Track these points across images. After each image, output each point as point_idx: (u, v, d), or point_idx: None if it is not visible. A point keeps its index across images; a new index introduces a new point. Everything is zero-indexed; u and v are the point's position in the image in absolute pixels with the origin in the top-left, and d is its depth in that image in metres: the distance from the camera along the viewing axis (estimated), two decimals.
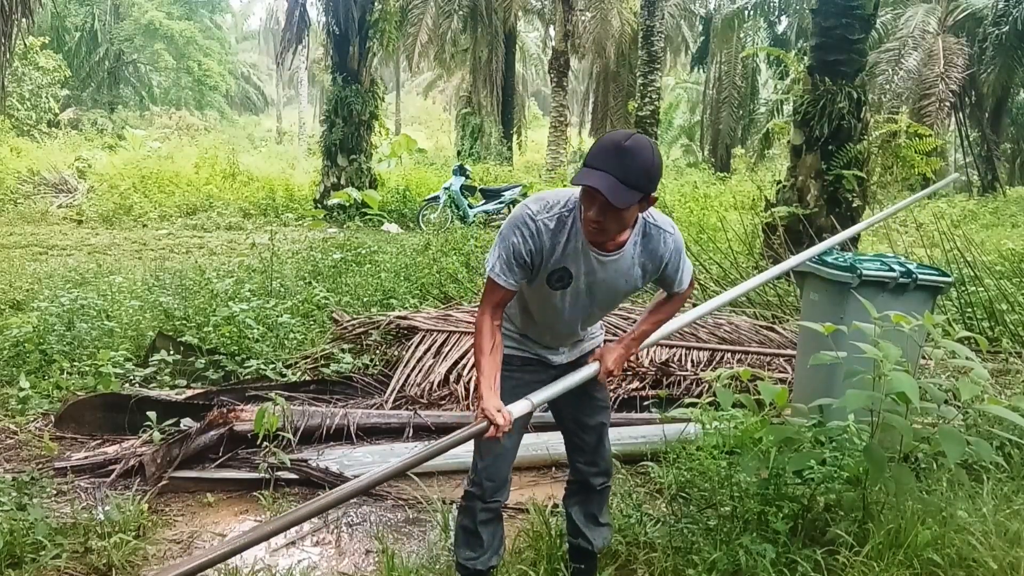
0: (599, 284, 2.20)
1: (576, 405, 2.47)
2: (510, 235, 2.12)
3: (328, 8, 14.62)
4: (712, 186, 18.09)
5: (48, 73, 23.76)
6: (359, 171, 14.93)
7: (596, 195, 1.94)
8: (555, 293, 2.20)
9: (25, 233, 11.24)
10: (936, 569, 2.50)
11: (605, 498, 2.62)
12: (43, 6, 13.69)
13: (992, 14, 19.06)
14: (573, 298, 2.21)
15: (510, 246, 2.11)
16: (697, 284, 6.46)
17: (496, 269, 2.14)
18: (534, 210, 2.12)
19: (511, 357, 2.35)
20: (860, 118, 7.49)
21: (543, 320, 2.32)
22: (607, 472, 2.58)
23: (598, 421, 2.51)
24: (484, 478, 2.37)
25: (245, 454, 3.69)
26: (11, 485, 3.21)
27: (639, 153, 1.93)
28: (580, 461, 2.56)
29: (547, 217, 2.11)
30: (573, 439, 2.55)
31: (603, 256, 2.14)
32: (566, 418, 2.53)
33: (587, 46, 24.86)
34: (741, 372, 3.66)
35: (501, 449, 2.34)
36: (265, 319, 5.46)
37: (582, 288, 2.19)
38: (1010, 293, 6.35)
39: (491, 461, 2.37)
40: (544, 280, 2.17)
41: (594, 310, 2.32)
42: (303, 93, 45.08)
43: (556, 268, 2.14)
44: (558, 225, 2.11)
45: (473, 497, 2.40)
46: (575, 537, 2.61)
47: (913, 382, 2.57)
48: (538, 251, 2.11)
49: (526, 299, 2.30)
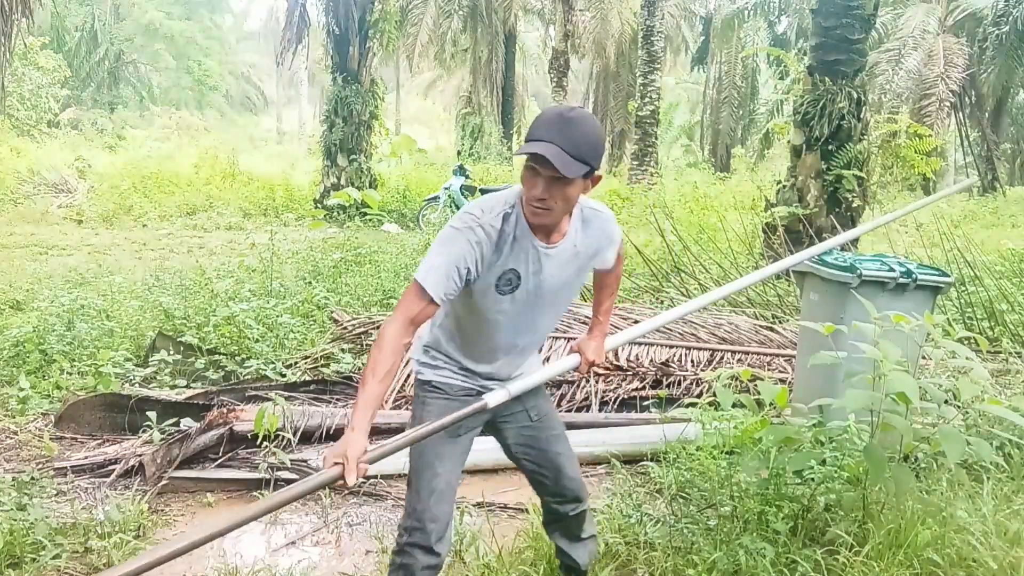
0: (546, 281, 2.04)
1: (529, 443, 2.29)
2: (452, 243, 1.91)
3: (328, 8, 14.62)
4: (712, 186, 18.08)
5: (48, 73, 23.74)
6: (359, 171, 14.92)
7: (541, 168, 1.83)
8: (503, 299, 2.02)
9: (25, 233, 11.24)
10: (936, 569, 2.50)
11: (583, 518, 2.45)
12: (43, 6, 13.68)
13: (992, 14, 19.06)
14: (522, 302, 2.05)
15: (453, 255, 1.89)
16: (697, 284, 6.47)
17: (431, 279, 1.88)
18: (477, 214, 1.95)
19: (450, 385, 2.16)
20: (860, 118, 7.49)
21: (483, 337, 2.11)
22: (577, 499, 2.36)
23: (556, 452, 2.30)
24: (428, 520, 2.06)
25: (245, 454, 3.69)
26: (11, 485, 3.21)
27: (584, 122, 1.83)
28: (547, 495, 2.37)
29: (491, 218, 1.95)
30: (535, 476, 2.34)
31: (547, 248, 2.00)
32: (521, 458, 2.32)
33: (587, 46, 24.87)
34: (741, 372, 3.67)
35: (442, 484, 2.10)
36: (265, 319, 5.46)
37: (531, 288, 2.03)
38: (1010, 293, 6.35)
39: (433, 501, 2.08)
40: (492, 286, 1.99)
41: (542, 317, 2.14)
42: (303, 93, 45.14)
43: (504, 271, 1.98)
44: (502, 223, 1.95)
45: (414, 548, 2.06)
46: (561, 557, 2.53)
47: (913, 382, 2.57)
48: (483, 259, 1.94)
49: (463, 316, 2.10)
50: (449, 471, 2.13)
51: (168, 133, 27.04)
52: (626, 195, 15.51)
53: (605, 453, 3.66)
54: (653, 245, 7.72)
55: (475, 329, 2.11)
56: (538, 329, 2.19)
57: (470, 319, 2.10)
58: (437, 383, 2.17)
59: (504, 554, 2.76)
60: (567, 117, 1.84)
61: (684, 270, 6.83)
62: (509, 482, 3.65)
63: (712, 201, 14.61)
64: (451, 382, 2.16)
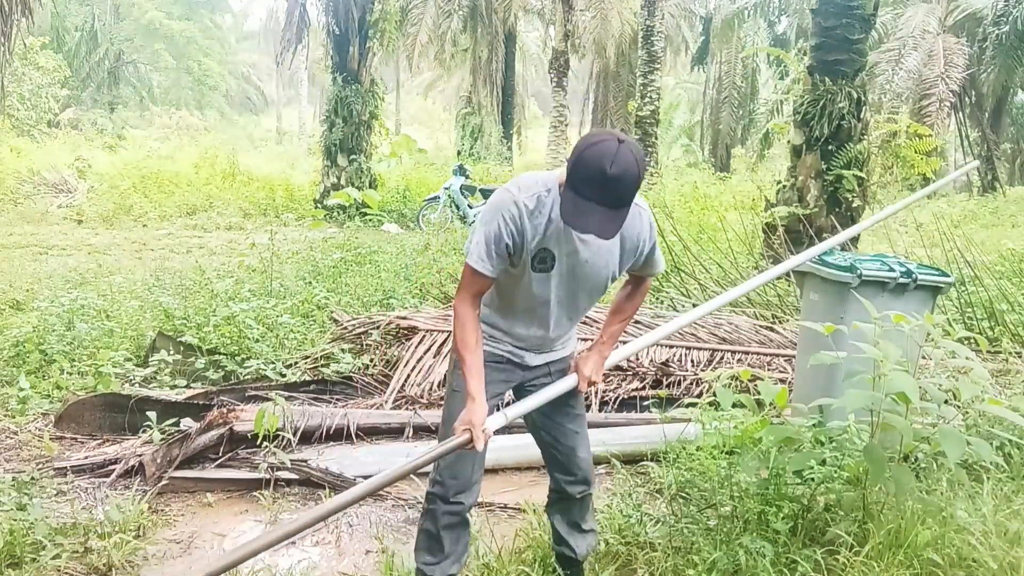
0: (581, 265, 2.16)
1: (549, 415, 2.41)
2: (492, 220, 2.08)
3: (328, 8, 14.62)
4: (712, 186, 18.07)
5: (48, 73, 23.74)
6: (359, 171, 14.92)
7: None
8: (538, 276, 2.15)
9: (25, 233, 11.24)
10: (936, 569, 2.50)
11: (587, 506, 2.55)
12: (43, 6, 13.68)
13: (992, 14, 19.05)
14: (558, 282, 2.17)
15: (491, 232, 2.07)
16: (697, 284, 6.47)
17: (476, 256, 2.09)
18: (514, 192, 2.09)
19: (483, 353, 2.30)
20: (860, 118, 7.49)
21: (527, 309, 2.25)
22: (586, 481, 2.49)
23: (573, 430, 2.44)
24: (447, 476, 2.30)
25: (245, 454, 3.69)
26: (11, 485, 3.21)
27: (626, 177, 1.90)
28: (558, 471, 2.49)
29: (527, 198, 2.08)
30: (549, 450, 2.49)
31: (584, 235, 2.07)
32: (540, 428, 2.47)
33: (587, 46, 24.85)
34: (741, 372, 3.67)
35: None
36: (265, 319, 5.46)
37: (564, 271, 2.16)
38: (1010, 293, 6.35)
39: (454, 458, 2.27)
40: (528, 264, 2.13)
41: (580, 297, 2.26)
42: (303, 93, 45.12)
43: (539, 250, 2.11)
44: (537, 205, 2.07)
45: (435, 498, 2.32)
46: (559, 545, 2.58)
47: (913, 382, 2.58)
48: (520, 234, 2.07)
49: (508, 288, 2.23)
50: None
51: (168, 133, 27.04)
52: None
53: (605, 453, 3.65)
54: None
55: (516, 298, 2.25)
56: (576, 307, 2.30)
57: (511, 290, 2.23)
58: None
59: (504, 554, 2.76)
60: (610, 176, 1.89)
61: (684, 270, 6.83)
62: (509, 482, 3.66)
63: (712, 201, 14.61)
64: (485, 349, 2.27)
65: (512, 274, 2.18)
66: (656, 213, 8.96)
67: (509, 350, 2.33)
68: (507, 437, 3.81)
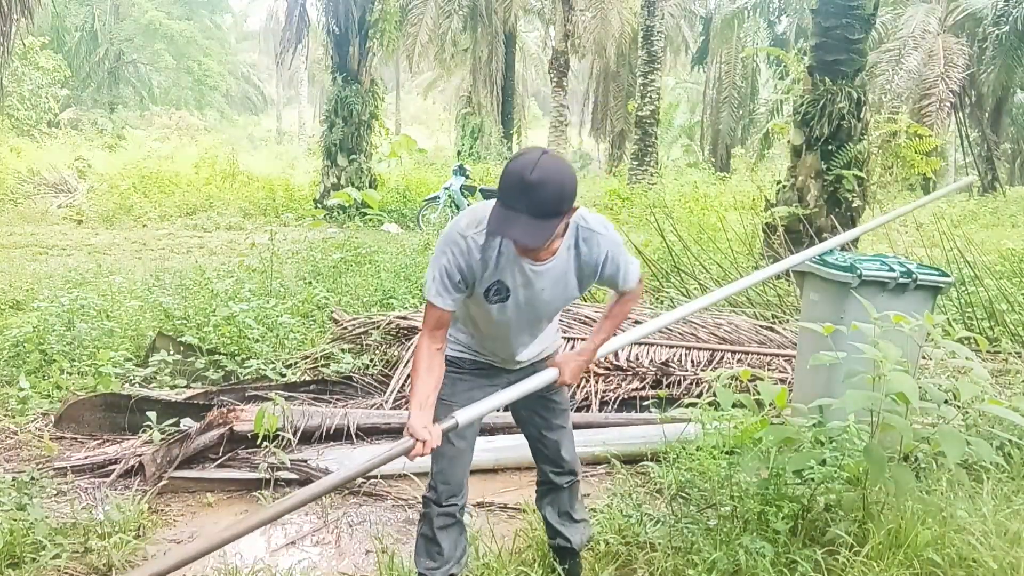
0: (537, 295, 2.19)
1: (535, 409, 2.48)
2: (441, 256, 2.11)
3: (328, 8, 14.62)
4: (712, 186, 18.07)
5: (48, 73, 23.75)
6: (359, 171, 14.92)
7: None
8: (494, 307, 2.18)
9: (25, 233, 11.24)
10: (936, 569, 2.50)
11: (575, 494, 2.61)
12: (43, 6, 13.68)
13: (992, 14, 19.06)
14: (514, 311, 2.20)
15: (441, 266, 2.10)
16: (697, 284, 6.47)
17: (432, 291, 2.13)
18: (463, 226, 2.11)
19: (462, 360, 2.36)
20: (860, 118, 7.48)
21: (491, 333, 2.31)
22: (572, 471, 2.57)
23: (558, 424, 2.51)
24: (439, 482, 2.37)
25: (245, 454, 3.69)
26: (11, 485, 3.21)
27: (546, 183, 1.90)
28: (544, 463, 2.57)
29: (475, 232, 2.09)
30: (535, 443, 2.56)
31: (536, 266, 2.13)
32: (526, 422, 2.54)
33: (587, 46, 24.86)
34: (741, 372, 3.67)
35: (454, 452, 2.33)
36: (265, 319, 5.46)
37: (521, 300, 2.18)
38: (1010, 293, 6.35)
39: (445, 465, 2.35)
40: (481, 295, 2.16)
41: (539, 319, 2.30)
42: (303, 93, 45.11)
43: (491, 282, 2.13)
44: (487, 239, 2.09)
45: (429, 503, 2.39)
46: (553, 538, 2.61)
47: (913, 382, 2.57)
48: (469, 268, 2.10)
49: (473, 317, 2.30)
50: (461, 438, 2.32)
51: (168, 133, 27.02)
52: (626, 195, 15.51)
53: (605, 453, 3.66)
54: (653, 245, 7.72)
55: (479, 326, 2.32)
56: (538, 328, 2.35)
57: (474, 318, 2.30)
58: (451, 357, 2.34)
59: (504, 554, 2.76)
60: (528, 182, 1.90)
61: (684, 270, 6.83)
62: (509, 482, 3.66)
63: (712, 201, 14.61)
64: (463, 356, 2.37)
65: (472, 305, 2.23)
66: (656, 213, 8.97)
67: (490, 359, 2.38)
68: (507, 437, 3.81)
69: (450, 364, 2.33)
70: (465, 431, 2.31)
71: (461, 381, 2.34)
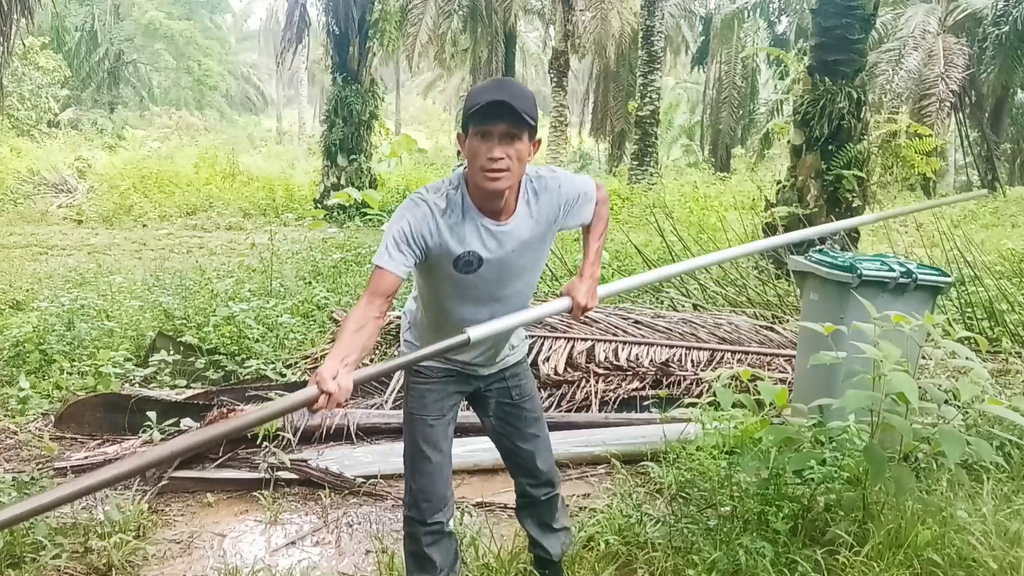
0: (511, 256, 2.09)
1: (505, 419, 2.39)
2: (398, 219, 2.02)
3: (328, 8, 14.63)
4: (712, 186, 18.08)
5: (48, 73, 23.78)
6: (359, 171, 14.93)
7: (494, 125, 1.92)
8: (466, 278, 2.08)
9: (25, 233, 11.25)
10: (936, 569, 2.50)
11: (555, 506, 2.52)
12: (43, 6, 13.68)
13: (992, 14, 19.04)
14: (487, 279, 2.09)
15: (399, 229, 1.99)
16: (697, 284, 6.47)
17: (384, 256, 1.98)
18: (422, 193, 2.06)
19: (430, 368, 2.27)
20: (860, 118, 7.49)
21: (453, 317, 2.16)
22: (550, 483, 2.47)
23: (531, 433, 2.40)
24: (420, 500, 2.28)
25: (245, 454, 3.68)
26: (11, 485, 3.21)
27: (518, 83, 2.03)
28: (521, 475, 2.47)
29: (435, 197, 2.04)
30: (510, 456, 2.46)
31: (499, 226, 2.05)
32: (500, 435, 2.43)
33: (587, 46, 24.84)
34: (741, 372, 3.66)
35: (432, 468, 2.27)
36: (265, 319, 5.46)
37: (494, 266, 2.08)
38: (1010, 293, 6.34)
39: (425, 483, 2.27)
40: (451, 266, 2.05)
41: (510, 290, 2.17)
42: (303, 93, 45.12)
43: (460, 252, 2.04)
44: (448, 204, 2.02)
45: (413, 522, 2.30)
46: (533, 548, 2.57)
47: (913, 382, 2.57)
48: (428, 232, 2.00)
49: (431, 300, 2.20)
50: (438, 451, 2.27)
51: (168, 133, 27.04)
52: (626, 195, 15.51)
53: (605, 453, 3.66)
54: (653, 245, 7.72)
55: (444, 310, 2.19)
56: (508, 302, 2.18)
57: (437, 302, 2.19)
58: (417, 368, 2.27)
59: (503, 554, 2.76)
60: (502, 80, 2.05)
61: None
62: (509, 482, 3.62)
63: (712, 201, 14.62)
64: (432, 364, 2.26)
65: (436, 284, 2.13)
66: (656, 213, 8.96)
67: (461, 366, 2.29)
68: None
69: (416, 375, 2.28)
70: (441, 444, 2.27)
71: (430, 392, 2.27)
